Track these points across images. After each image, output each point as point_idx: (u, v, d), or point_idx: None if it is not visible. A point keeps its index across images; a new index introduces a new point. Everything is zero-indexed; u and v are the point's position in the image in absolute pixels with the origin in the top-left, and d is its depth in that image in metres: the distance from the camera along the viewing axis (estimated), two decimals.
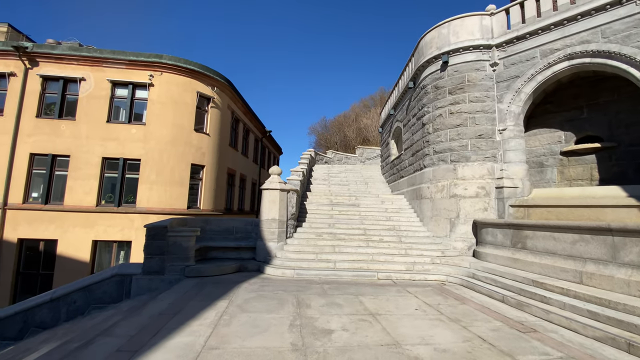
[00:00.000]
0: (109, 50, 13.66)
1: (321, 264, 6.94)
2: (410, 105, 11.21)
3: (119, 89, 13.70)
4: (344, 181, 13.39)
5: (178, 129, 13.82)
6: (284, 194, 7.95)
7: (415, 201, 9.88)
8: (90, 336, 3.68)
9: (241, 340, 3.42)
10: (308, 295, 5.24)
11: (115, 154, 13.08)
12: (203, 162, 14.63)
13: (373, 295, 5.43)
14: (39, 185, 12.89)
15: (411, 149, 10.85)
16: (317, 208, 9.96)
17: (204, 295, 5.14)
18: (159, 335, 3.56)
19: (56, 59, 13.34)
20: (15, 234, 12.26)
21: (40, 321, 6.25)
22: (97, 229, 12.45)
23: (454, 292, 5.84)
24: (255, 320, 4.00)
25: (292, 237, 8.13)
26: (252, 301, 4.84)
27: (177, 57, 14.01)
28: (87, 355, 3.12)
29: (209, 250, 7.81)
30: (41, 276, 12.32)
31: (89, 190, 12.72)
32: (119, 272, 6.45)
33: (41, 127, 12.99)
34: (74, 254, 12.24)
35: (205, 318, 4.10)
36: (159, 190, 13.10)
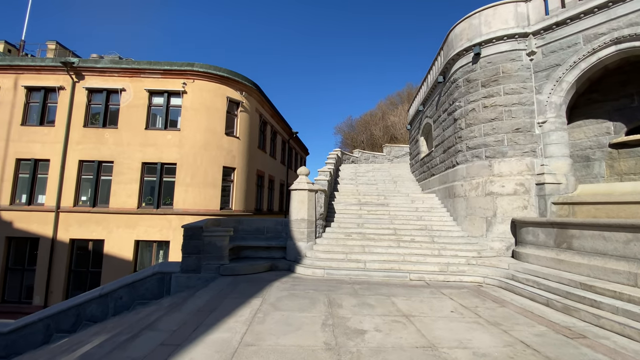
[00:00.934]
0: (146, 61, 14.51)
1: (351, 264, 6.91)
2: (440, 101, 10.86)
3: (155, 98, 14.51)
4: (371, 180, 13.24)
5: (210, 133, 14.38)
6: (312, 194, 8.01)
7: (448, 200, 9.55)
8: (137, 330, 3.93)
9: (275, 338, 3.49)
10: (339, 295, 5.24)
11: (154, 159, 13.86)
12: (234, 164, 15.11)
13: (405, 296, 5.32)
14: (87, 190, 13.97)
15: (442, 146, 10.50)
16: (345, 208, 9.93)
17: (238, 293, 5.31)
18: (198, 330, 3.73)
19: (99, 72, 14.40)
20: (68, 235, 13.38)
21: (91, 315, 6.76)
22: (138, 229, 13.27)
23: (492, 295, 5.57)
24: (288, 319, 4.07)
25: (321, 237, 8.17)
26: (285, 300, 4.93)
27: (208, 65, 14.59)
28: (134, 348, 3.34)
29: (242, 249, 8.05)
30: (90, 273, 13.35)
31: (131, 193, 13.58)
32: (159, 270, 6.82)
33: (88, 136, 14.07)
34: (119, 253, 13.14)
35: (240, 315, 4.23)
36: (194, 192, 13.71)
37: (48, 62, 14.44)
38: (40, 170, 14.01)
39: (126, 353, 3.22)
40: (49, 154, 13.91)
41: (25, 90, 14.37)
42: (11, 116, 14.22)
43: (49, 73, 14.38)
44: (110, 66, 14.28)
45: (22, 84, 14.34)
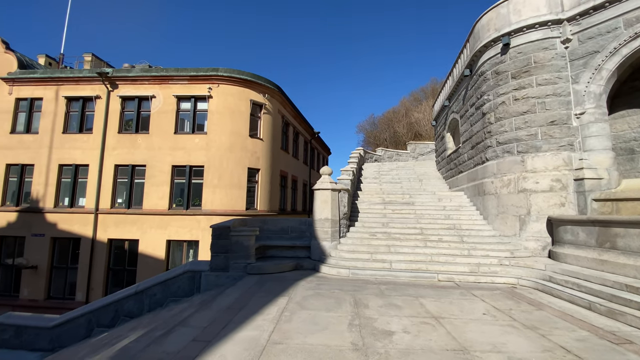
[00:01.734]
0: (173, 68, 15.13)
1: (376, 264, 6.82)
2: (467, 95, 10.47)
3: (183, 103, 15.09)
4: (395, 179, 13.01)
5: (235, 136, 14.75)
6: (336, 193, 7.99)
7: (477, 198, 9.19)
8: (170, 326, 4.10)
9: (302, 336, 3.52)
10: (365, 295, 5.19)
11: (183, 162, 14.43)
12: (258, 165, 15.40)
13: (434, 297, 5.18)
14: (122, 192, 14.77)
15: (470, 142, 10.13)
16: (369, 207, 9.83)
17: (265, 292, 5.40)
18: (228, 328, 3.83)
19: (131, 81, 15.18)
20: (106, 235, 14.21)
21: (128, 311, 7.14)
22: (169, 229, 13.86)
23: (528, 297, 5.30)
24: (314, 318, 4.09)
25: (345, 236, 8.13)
26: (310, 299, 4.95)
27: (232, 69, 14.97)
28: (169, 343, 3.48)
29: (267, 248, 8.18)
30: (127, 271, 14.11)
31: (162, 195, 14.21)
32: (190, 269, 7.08)
33: (122, 142, 14.88)
34: (152, 252, 13.79)
35: (267, 313, 4.30)
36: (221, 194, 14.12)
37: (85, 73, 15.42)
38: (81, 174, 15.00)
39: (161, 348, 3.37)
40: (88, 160, 14.86)
41: (66, 100, 15.43)
42: (54, 125, 15.32)
43: (86, 83, 15.36)
44: (141, 75, 15.03)
45: (63, 95, 15.42)
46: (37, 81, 15.58)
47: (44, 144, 15.17)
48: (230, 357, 3.06)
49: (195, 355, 3.11)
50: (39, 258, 14.34)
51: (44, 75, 15.56)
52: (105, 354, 3.84)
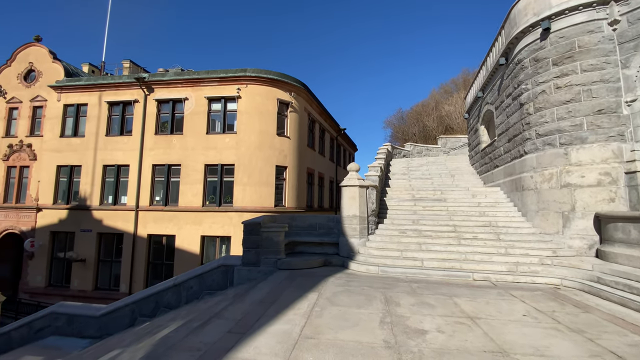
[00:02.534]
0: (204, 71, 15.69)
1: (407, 262, 6.69)
2: (503, 85, 9.92)
3: (213, 104, 15.63)
4: (425, 175, 12.65)
5: (263, 134, 15.05)
6: (363, 190, 7.92)
7: (515, 193, 8.71)
8: (206, 317, 4.29)
9: (334, 332, 3.53)
10: (396, 293, 5.11)
11: (215, 161, 14.97)
12: (285, 163, 15.62)
13: (469, 297, 4.99)
14: (159, 190, 15.62)
15: (506, 134, 9.60)
16: (398, 204, 9.64)
17: (295, 287, 5.49)
18: (261, 321, 3.94)
19: (166, 84, 15.94)
20: (146, 231, 15.11)
21: (167, 302, 7.56)
22: (204, 225, 14.47)
23: (573, 298, 4.96)
24: (345, 314, 4.09)
25: (373, 233, 8.05)
26: (340, 295, 4.96)
27: (259, 69, 15.26)
28: (206, 333, 3.64)
29: (296, 244, 8.30)
30: (165, 265, 14.93)
31: (196, 193, 14.85)
32: (223, 263, 7.36)
33: (159, 143, 15.70)
34: (188, 247, 14.47)
35: (298, 308, 4.36)
36: (251, 191, 14.50)
37: (124, 79, 16.42)
38: (122, 174, 16.04)
39: (199, 338, 3.53)
40: (129, 160, 15.85)
41: (108, 105, 16.54)
42: (98, 128, 16.48)
43: (125, 88, 16.35)
44: (174, 78, 15.74)
45: (105, 100, 16.53)
46: (82, 88, 16.83)
47: (89, 146, 16.38)
48: (264, 349, 3.14)
49: (230, 346, 3.23)
50: (87, 252, 15.56)
51: (88, 82, 16.78)
52: (148, 342, 4.10)
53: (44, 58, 17.69)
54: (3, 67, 18.08)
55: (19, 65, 17.95)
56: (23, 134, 17.34)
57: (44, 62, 17.65)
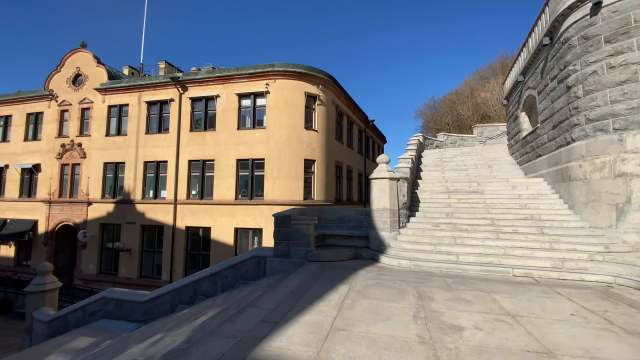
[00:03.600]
0: (234, 68, 16.05)
1: (440, 256, 6.47)
2: (547, 67, 9.17)
3: (243, 100, 15.99)
4: (460, 166, 12.09)
5: (291, 129, 15.18)
6: (394, 182, 7.73)
7: (561, 184, 8.08)
8: (241, 306, 4.44)
9: (365, 325, 3.51)
10: (429, 287, 4.97)
11: (245, 156, 15.38)
12: (314, 156, 15.67)
13: (509, 293, 4.72)
14: (195, 185, 16.35)
15: (551, 120, 8.89)
16: (430, 197, 9.32)
17: (326, 279, 5.51)
18: (293, 311, 4.00)
19: (199, 83, 16.53)
20: (184, 223, 15.93)
21: (204, 291, 7.93)
22: (237, 218, 14.98)
23: (628, 298, 4.53)
24: (376, 308, 4.04)
25: (405, 226, 7.85)
26: (371, 288, 4.91)
27: (286, 63, 15.33)
28: (241, 321, 3.77)
29: (325, 237, 8.32)
30: (201, 255, 15.69)
31: (229, 187, 15.38)
32: (256, 254, 7.57)
33: (193, 139, 16.38)
34: (222, 238, 15.08)
35: (329, 300, 4.38)
36: (280, 184, 14.74)
37: (160, 79, 17.24)
38: (161, 170, 16.98)
39: (234, 326, 3.66)
40: (166, 156, 16.72)
41: (146, 104, 17.49)
42: (138, 127, 17.51)
43: (162, 88, 17.17)
44: (206, 76, 16.27)
45: (144, 100, 17.49)
46: (123, 89, 17.92)
47: (131, 144, 17.48)
48: (296, 339, 3.19)
49: (264, 335, 3.31)
50: (132, 242, 16.74)
51: (128, 84, 17.83)
52: (188, 328, 4.33)
53: (89, 63, 19.04)
54: (54, 72, 19.72)
55: (67, 70, 19.48)
56: (74, 134, 18.87)
57: (89, 66, 19.00)
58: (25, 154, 20.01)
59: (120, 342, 5.71)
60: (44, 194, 19.10)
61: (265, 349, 3.00)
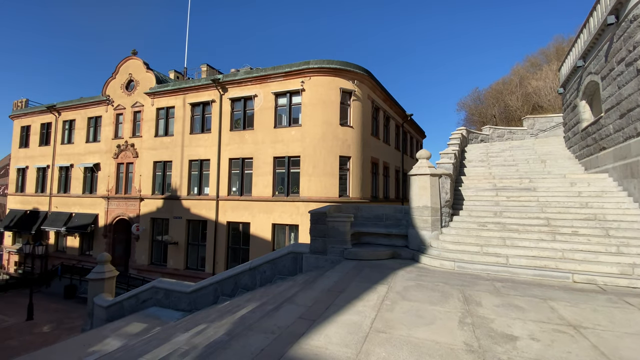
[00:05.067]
0: (271, 67, 16.34)
1: (488, 258, 6.03)
2: (613, 49, 8.13)
3: (280, 99, 16.24)
4: (509, 161, 11.22)
5: (327, 125, 15.13)
6: (435, 179, 7.35)
7: (630, 180, 7.14)
8: (279, 302, 4.48)
9: (407, 328, 3.34)
10: (476, 291, 4.64)
11: (282, 153, 15.63)
12: (349, 153, 15.49)
13: (569, 301, 4.26)
14: (235, 182, 16.98)
15: (618, 109, 7.89)
16: (475, 194, 8.75)
17: (363, 278, 5.39)
18: (330, 310, 3.94)
19: (237, 83, 17.08)
20: (225, 218, 16.63)
21: (244, 284, 8.19)
22: (274, 214, 15.31)
23: None
24: (418, 310, 3.85)
25: (448, 226, 7.45)
26: (412, 290, 4.70)
27: (321, 60, 15.27)
28: (279, 317, 3.80)
29: (361, 235, 8.17)
30: (242, 249, 16.28)
31: (267, 184, 15.75)
32: (293, 250, 7.64)
33: (233, 138, 17.00)
34: (261, 233, 15.51)
35: (367, 300, 4.26)
36: (316, 181, 14.79)
37: (202, 81, 18.08)
38: (204, 168, 17.86)
39: (273, 321, 3.69)
40: (209, 155, 17.55)
41: (190, 106, 18.46)
42: (183, 127, 18.54)
43: (204, 90, 18.01)
44: (244, 77, 16.76)
45: (188, 102, 18.47)
46: (170, 92, 19.08)
47: (177, 143, 18.59)
48: (334, 339, 3.13)
49: (302, 332, 3.29)
50: (179, 236, 17.84)
51: (174, 87, 18.94)
52: (229, 320, 4.47)
53: (140, 69, 20.53)
54: (109, 79, 21.56)
55: (121, 77, 21.19)
56: (127, 135, 20.51)
57: (140, 72, 20.48)
58: (87, 154, 22.18)
59: (167, 330, 6.08)
60: (103, 191, 21.04)
61: (303, 347, 2.97)
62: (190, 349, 3.45)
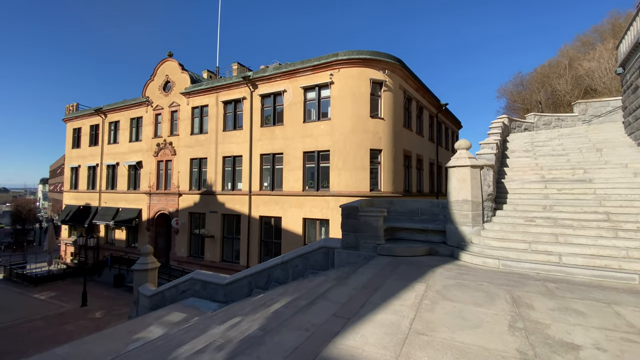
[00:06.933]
0: (299, 61, 16.26)
1: (537, 256, 5.51)
2: None
3: (308, 93, 16.13)
4: (558, 150, 10.26)
5: (356, 118, 14.81)
6: (476, 170, 6.86)
7: None
8: (312, 297, 4.39)
9: (450, 331, 3.10)
10: (525, 292, 4.24)
11: (311, 148, 15.57)
12: (380, 146, 15.07)
13: (637, 306, 3.75)
14: (267, 177, 17.24)
15: None
16: (521, 187, 8.09)
17: (399, 275, 5.16)
18: (365, 308, 3.78)
19: (267, 80, 17.21)
20: (258, 213, 16.97)
21: (276, 277, 8.25)
22: (305, 209, 15.35)
23: None
24: (461, 312, 3.57)
25: (490, 221, 6.94)
26: (452, 289, 4.40)
27: (350, 51, 14.91)
28: (313, 314, 3.71)
29: (395, 230, 7.87)
30: (274, 243, 16.55)
31: (297, 178, 15.81)
32: (324, 245, 7.55)
33: (264, 134, 17.21)
34: (292, 228, 15.64)
35: (405, 299, 4.04)
36: (346, 176, 14.58)
37: (233, 79, 18.45)
38: (237, 164, 18.31)
39: (307, 318, 3.61)
40: (241, 151, 17.94)
41: (223, 104, 18.94)
42: (217, 125, 19.09)
43: (235, 88, 18.38)
44: (273, 73, 16.84)
45: (221, 100, 18.96)
46: (203, 92, 19.70)
47: (212, 141, 19.20)
48: (371, 339, 2.97)
49: (337, 331, 3.17)
50: (215, 230, 18.51)
51: (207, 86, 19.52)
52: (262, 314, 4.46)
53: (175, 70, 21.40)
54: (148, 82, 22.71)
55: (159, 78, 22.23)
56: (166, 134, 21.55)
57: (175, 73, 21.35)
58: (130, 153, 23.65)
59: (205, 320, 6.27)
60: (145, 187, 22.35)
61: (338, 347, 2.85)
62: (225, 343, 3.46)
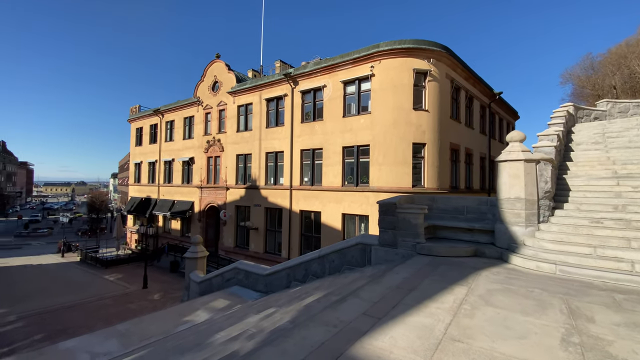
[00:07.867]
0: (339, 55, 16.09)
1: (604, 263, 4.83)
2: None
3: (348, 87, 15.91)
4: (635, 142, 8.86)
5: (398, 110, 14.27)
6: (532, 165, 6.19)
7: None
8: (344, 294, 4.34)
9: (490, 340, 2.84)
10: (586, 303, 3.74)
11: (351, 143, 15.39)
12: (424, 140, 14.38)
13: None
14: (307, 172, 17.45)
15: None
16: (586, 184, 7.15)
17: (438, 276, 4.88)
18: (398, 308, 3.63)
19: (307, 76, 17.32)
20: (298, 207, 17.29)
21: (314, 271, 8.33)
22: (344, 204, 15.27)
23: None
24: (505, 320, 3.26)
25: (547, 221, 6.24)
26: (498, 294, 4.04)
27: (392, 41, 14.36)
28: (342, 310, 3.65)
29: (437, 229, 7.46)
30: (313, 237, 16.75)
31: (336, 174, 15.76)
32: (361, 242, 7.43)
33: (304, 130, 17.41)
34: (331, 223, 15.67)
35: (442, 302, 3.81)
36: (386, 171, 14.17)
37: (275, 77, 18.87)
38: (279, 159, 18.80)
39: (336, 314, 3.57)
40: (283, 147, 18.37)
41: (265, 101, 19.51)
42: (260, 122, 19.74)
43: (277, 85, 18.80)
44: (314, 68, 16.88)
45: (263, 98, 19.55)
46: (248, 90, 20.46)
47: (255, 137, 19.93)
48: (401, 342, 2.84)
49: (366, 330, 3.08)
50: (258, 222, 19.27)
51: (251, 85, 20.24)
52: (295, 307, 4.52)
53: (222, 70, 22.51)
54: (199, 82, 24.22)
55: (208, 79, 23.58)
56: (214, 131, 22.86)
57: (223, 73, 22.46)
58: (184, 150, 25.53)
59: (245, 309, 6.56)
60: (196, 181, 24.01)
61: (365, 346, 2.76)
62: (257, 332, 3.56)
